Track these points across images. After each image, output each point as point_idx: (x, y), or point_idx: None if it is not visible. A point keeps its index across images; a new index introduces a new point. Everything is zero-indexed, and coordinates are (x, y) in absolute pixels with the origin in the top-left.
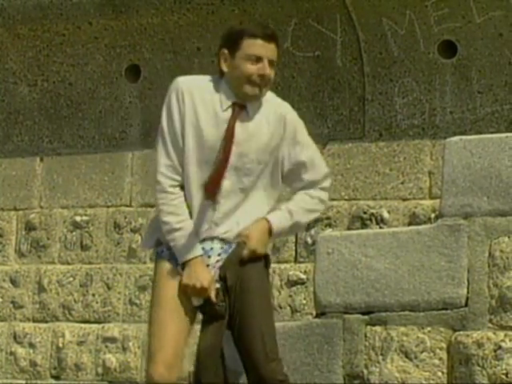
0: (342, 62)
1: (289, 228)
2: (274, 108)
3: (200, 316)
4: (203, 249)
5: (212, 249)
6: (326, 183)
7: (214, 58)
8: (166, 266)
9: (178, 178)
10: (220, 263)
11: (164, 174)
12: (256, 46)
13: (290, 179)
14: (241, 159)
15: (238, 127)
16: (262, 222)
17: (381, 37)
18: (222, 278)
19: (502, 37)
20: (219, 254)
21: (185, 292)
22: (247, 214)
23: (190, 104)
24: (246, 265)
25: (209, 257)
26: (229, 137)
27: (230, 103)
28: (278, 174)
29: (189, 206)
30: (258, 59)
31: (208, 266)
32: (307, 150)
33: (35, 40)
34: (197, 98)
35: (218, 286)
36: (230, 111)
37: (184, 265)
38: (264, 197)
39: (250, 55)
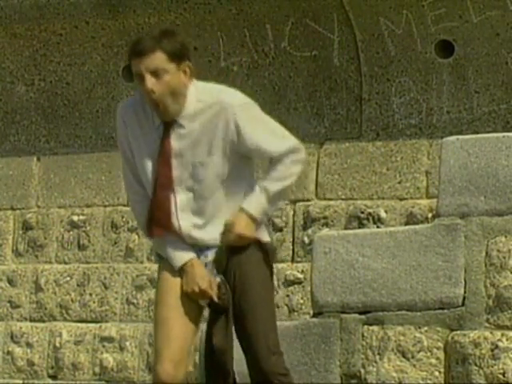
0: (339, 62)
1: (271, 203)
2: (208, 103)
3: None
4: (200, 250)
5: (208, 248)
6: (296, 154)
7: (211, 57)
8: (168, 265)
9: (139, 196)
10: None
11: (134, 200)
12: (134, 65)
13: (254, 156)
14: (186, 171)
15: (173, 143)
16: (239, 213)
17: (378, 36)
18: (219, 270)
19: (498, 36)
20: (216, 252)
21: (187, 295)
22: (227, 210)
23: (129, 122)
24: (242, 254)
25: (206, 256)
26: (163, 157)
27: (159, 122)
28: (240, 161)
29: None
30: (141, 77)
31: (206, 264)
32: (254, 136)
33: (32, 39)
34: (133, 121)
35: (218, 280)
36: (161, 130)
37: (182, 271)
38: (236, 187)
39: (135, 76)
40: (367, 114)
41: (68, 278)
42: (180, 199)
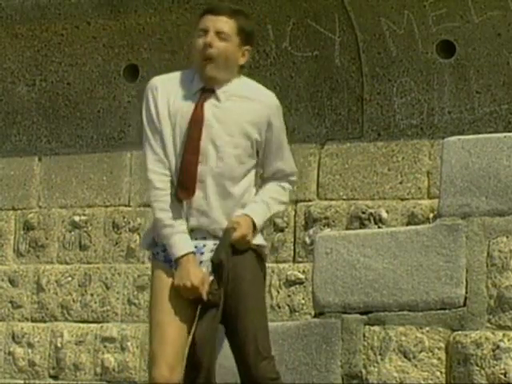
0: (340, 62)
1: (266, 220)
2: (254, 95)
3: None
4: (196, 247)
5: (205, 246)
6: (295, 178)
7: None
8: (162, 268)
9: (167, 172)
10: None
11: (153, 171)
12: (203, 20)
13: (264, 163)
14: (213, 144)
15: (206, 111)
16: (245, 217)
17: (379, 37)
18: (215, 264)
19: (500, 37)
20: (212, 251)
21: (179, 292)
22: (235, 201)
23: (164, 97)
24: (239, 256)
25: (201, 253)
26: (194, 122)
27: (198, 88)
28: (255, 158)
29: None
30: (205, 32)
31: (201, 262)
32: (282, 141)
33: (33, 40)
34: (169, 90)
35: (211, 278)
36: (198, 96)
37: (177, 263)
38: (246, 181)
39: (199, 30)
40: (368, 114)
41: (69, 279)
42: (203, 169)
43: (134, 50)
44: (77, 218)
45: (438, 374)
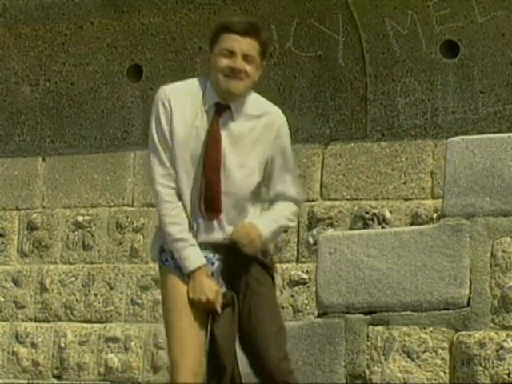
0: (344, 62)
1: (273, 236)
2: (262, 112)
3: None
4: (206, 257)
5: (215, 256)
6: (299, 203)
7: None
8: (174, 273)
9: (174, 185)
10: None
11: (161, 184)
12: (230, 40)
13: (270, 182)
14: (224, 161)
15: (222, 130)
16: (255, 227)
17: (383, 37)
18: (226, 273)
19: (504, 37)
20: (222, 260)
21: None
22: (241, 217)
23: (176, 109)
24: (248, 261)
25: (212, 264)
26: (212, 140)
27: (212, 103)
28: (261, 176)
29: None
30: (231, 53)
31: (212, 274)
32: (289, 162)
33: (37, 40)
34: (182, 102)
35: (223, 289)
36: (212, 111)
37: (189, 276)
38: (253, 198)
39: (223, 49)
40: (372, 114)
41: (73, 279)
42: (223, 184)
43: (138, 50)
44: (80, 218)
45: (442, 374)
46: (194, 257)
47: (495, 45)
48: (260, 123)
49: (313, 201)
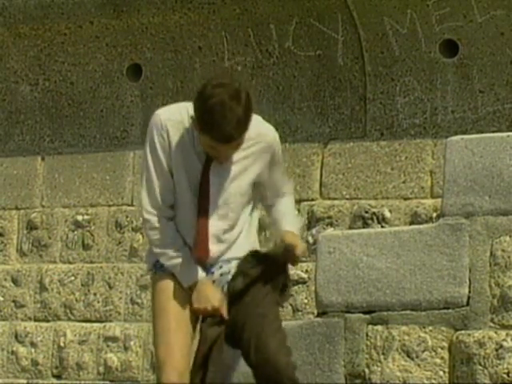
0: (343, 61)
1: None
2: (257, 133)
3: None
4: (204, 267)
5: (212, 265)
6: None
7: (216, 57)
8: (164, 276)
9: (165, 213)
10: (225, 276)
11: (151, 213)
12: (212, 143)
13: (266, 190)
14: (222, 201)
15: (215, 173)
16: (293, 235)
17: (382, 36)
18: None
19: (503, 36)
20: (221, 267)
21: (194, 312)
22: (236, 235)
23: (173, 138)
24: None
25: (212, 273)
26: (203, 187)
27: (202, 149)
28: (252, 187)
29: (181, 233)
30: (215, 149)
31: (214, 281)
32: (281, 165)
33: (36, 39)
34: (179, 134)
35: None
36: (203, 156)
37: (191, 288)
38: (246, 211)
39: (207, 145)
40: (371, 113)
41: (72, 278)
42: (212, 226)
43: (137, 50)
44: (80, 218)
45: (441, 373)
46: (191, 271)
47: (494, 44)
48: (256, 148)
49: (312, 200)
